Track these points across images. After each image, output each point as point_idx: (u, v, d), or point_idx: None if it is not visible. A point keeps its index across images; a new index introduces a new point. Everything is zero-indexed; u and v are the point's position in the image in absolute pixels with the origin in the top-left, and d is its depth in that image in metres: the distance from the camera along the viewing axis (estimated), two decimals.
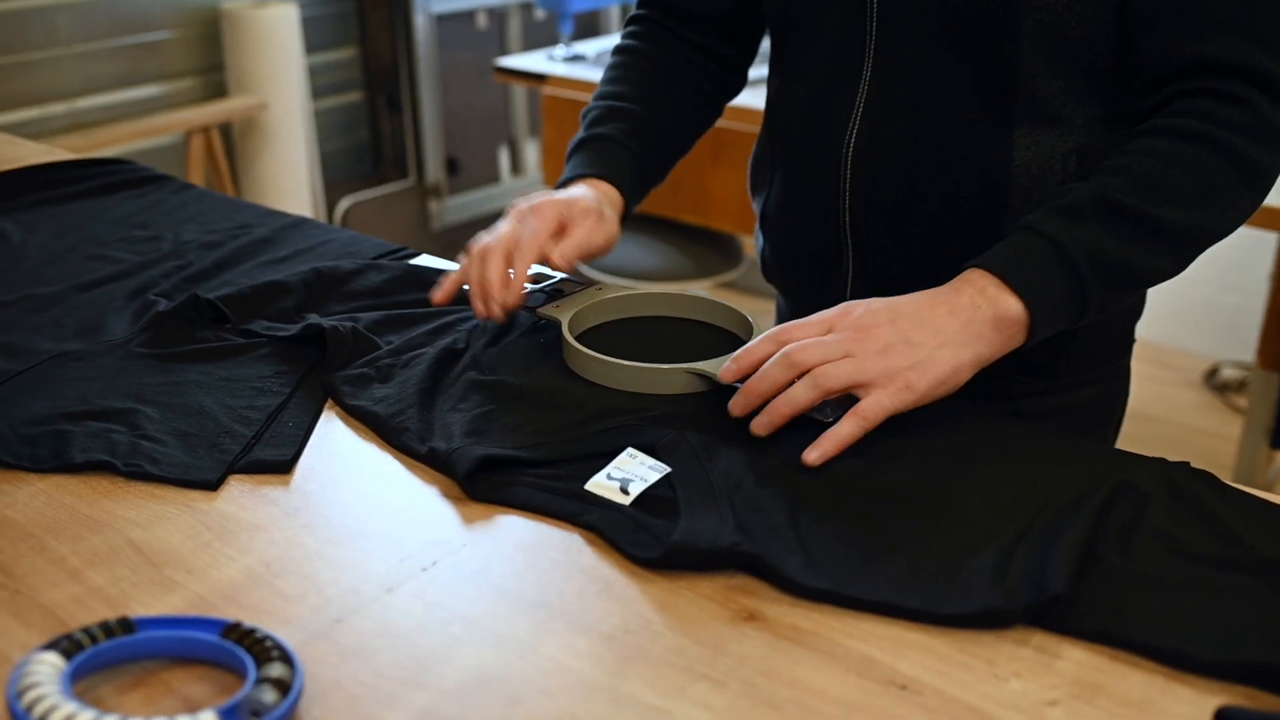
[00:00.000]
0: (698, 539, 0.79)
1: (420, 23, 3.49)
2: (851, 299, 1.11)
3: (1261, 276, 3.24)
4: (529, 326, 1.12)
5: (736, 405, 0.93)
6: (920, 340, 0.91)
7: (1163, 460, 0.91)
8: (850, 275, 1.12)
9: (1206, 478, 0.88)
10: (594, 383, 1.02)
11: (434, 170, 3.73)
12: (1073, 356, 1.14)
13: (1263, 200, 0.99)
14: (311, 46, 3.31)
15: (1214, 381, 3.35)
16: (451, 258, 1.25)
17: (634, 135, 1.19)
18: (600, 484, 0.87)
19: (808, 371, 0.90)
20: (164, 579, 0.78)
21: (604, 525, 0.83)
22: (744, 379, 0.94)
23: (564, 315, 1.08)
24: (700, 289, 3.33)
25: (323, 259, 1.28)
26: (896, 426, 0.96)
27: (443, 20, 3.59)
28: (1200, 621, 0.73)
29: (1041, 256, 0.94)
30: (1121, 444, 1.13)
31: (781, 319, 1.33)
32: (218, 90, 3.15)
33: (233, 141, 3.16)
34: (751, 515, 0.83)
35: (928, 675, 0.70)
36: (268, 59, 3.04)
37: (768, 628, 0.74)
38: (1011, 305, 0.93)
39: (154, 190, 1.49)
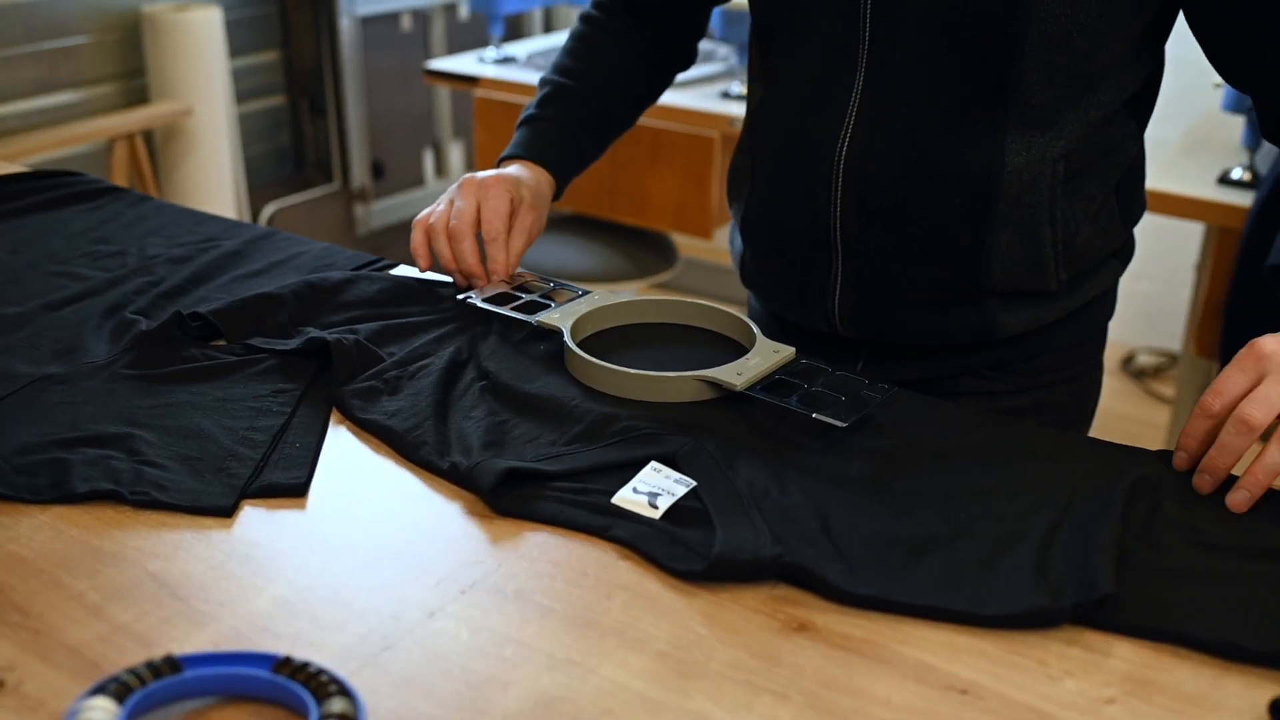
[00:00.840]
0: (739, 550, 0.78)
1: (345, 25, 3.43)
2: (839, 304, 1.12)
3: (1174, 265, 3.33)
4: (528, 334, 1.10)
5: (1205, 484, 0.88)
6: None
7: (1170, 453, 0.92)
8: (839, 280, 1.13)
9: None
10: (597, 390, 1.01)
11: (359, 174, 3.67)
12: (1050, 355, 1.16)
13: None
14: (233, 50, 3.24)
15: (1131, 368, 3.43)
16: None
17: (579, 120, 1.30)
18: (628, 499, 0.86)
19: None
20: (193, 612, 0.75)
21: (637, 539, 0.82)
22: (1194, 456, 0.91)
23: (564, 324, 1.07)
24: (635, 289, 3.32)
25: (298, 271, 1.25)
26: (903, 429, 0.96)
27: (367, 22, 3.54)
28: (1245, 612, 0.74)
29: None
30: None
31: (756, 320, 1.33)
32: (138, 96, 3.06)
33: (155, 147, 3.08)
34: (783, 524, 0.83)
35: (984, 678, 0.70)
36: (191, 63, 2.97)
37: (820, 637, 0.74)
38: None
39: (110, 202, 1.44)
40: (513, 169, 1.25)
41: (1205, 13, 1.00)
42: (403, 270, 1.27)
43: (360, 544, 0.82)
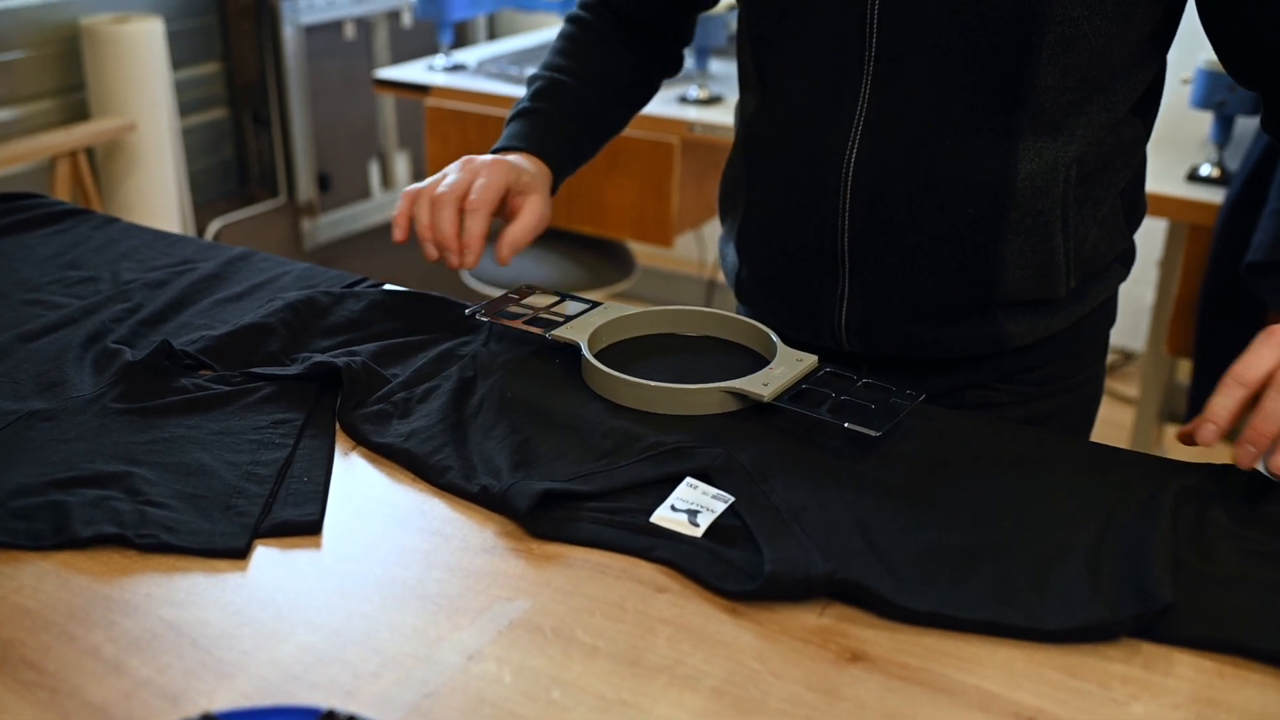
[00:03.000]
0: (791, 569, 0.76)
1: (288, 34, 3.36)
2: (846, 318, 1.10)
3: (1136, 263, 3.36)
4: (538, 348, 1.07)
5: (1247, 457, 0.88)
6: None
7: (1210, 465, 0.91)
8: (845, 295, 1.11)
9: (1253, 476, 0.89)
10: (619, 405, 0.98)
11: (305, 187, 3.60)
12: (1055, 364, 1.15)
13: None
14: (175, 62, 3.16)
15: None
16: None
17: (574, 116, 1.24)
18: (667, 516, 0.83)
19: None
20: (217, 663, 0.71)
21: (681, 559, 0.80)
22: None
23: (580, 337, 1.04)
24: (594, 299, 3.30)
25: (280, 293, 1.21)
26: (933, 437, 0.94)
27: (310, 31, 3.48)
28: None
29: None
30: None
31: None
32: (78, 111, 2.98)
33: (96, 164, 3.00)
34: (826, 539, 0.81)
35: (1049, 705, 0.69)
36: (133, 76, 2.89)
37: (876, 667, 0.71)
38: None
39: (75, 225, 1.39)
40: (512, 157, 1.19)
41: (1217, 11, 0.99)
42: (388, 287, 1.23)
43: (384, 582, 0.79)
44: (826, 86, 1.06)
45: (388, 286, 1.22)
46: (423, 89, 2.95)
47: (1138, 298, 3.31)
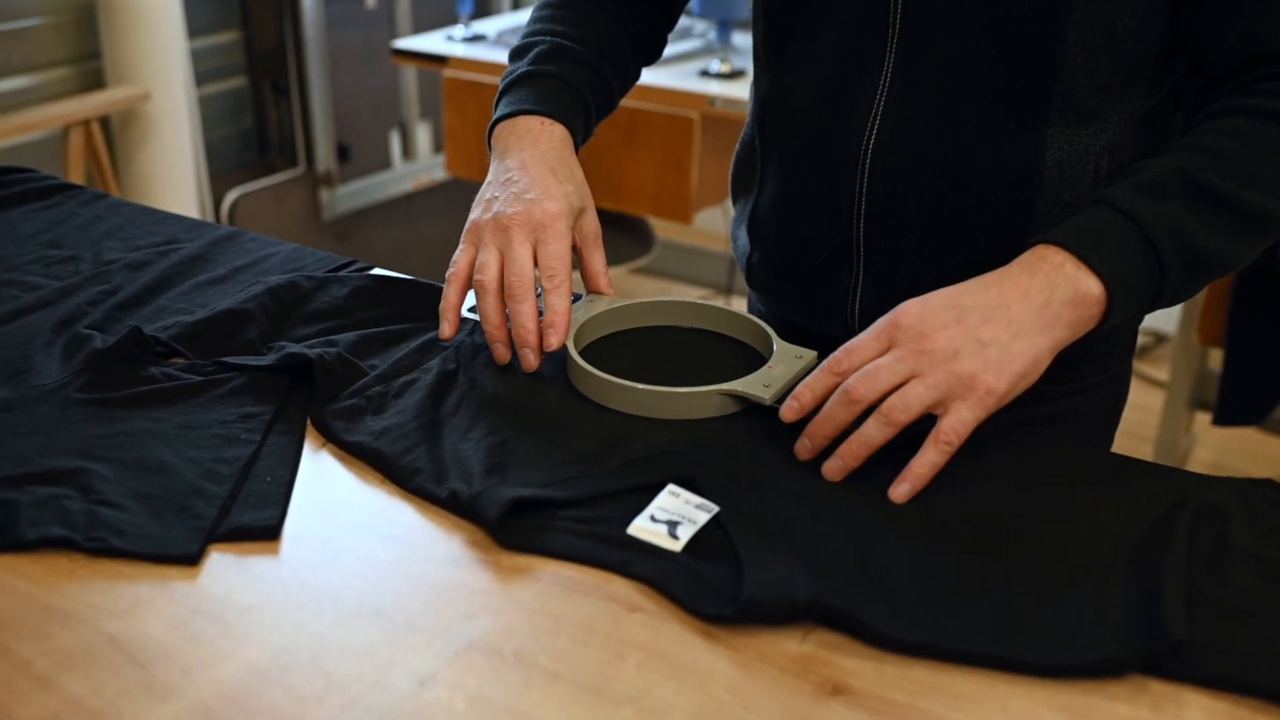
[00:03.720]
0: (772, 591, 0.71)
1: (308, 3, 3.31)
2: (859, 310, 1.04)
3: None
4: None
5: (804, 450, 0.85)
6: (992, 336, 0.83)
7: (1232, 480, 0.85)
8: (859, 285, 1.05)
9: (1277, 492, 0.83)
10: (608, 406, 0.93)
11: (325, 157, 3.56)
12: (1078, 360, 1.08)
13: None
14: (192, 30, 3.12)
15: None
16: (344, 249, 1.15)
17: (586, 81, 1.11)
18: (645, 528, 0.78)
19: (875, 404, 0.83)
20: (154, 682, 0.67)
21: (657, 577, 0.75)
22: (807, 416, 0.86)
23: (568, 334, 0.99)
24: (613, 273, 3.24)
25: (265, 276, 1.16)
26: None
27: (330, 0, 3.43)
28: None
29: (1122, 234, 0.87)
30: None
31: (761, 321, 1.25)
32: (94, 80, 2.94)
33: (111, 134, 2.97)
34: (816, 557, 0.76)
35: None
36: (149, 45, 2.85)
37: (859, 702, 0.66)
38: (1091, 286, 0.86)
39: (63, 201, 1.34)
40: (530, 166, 1.02)
41: None
42: (375, 271, 1.18)
43: (340, 595, 0.74)
44: (847, 65, 1.00)
45: (375, 271, 1.18)
46: (440, 59, 2.90)
47: None
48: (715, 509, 0.81)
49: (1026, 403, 1.08)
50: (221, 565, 0.77)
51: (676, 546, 0.77)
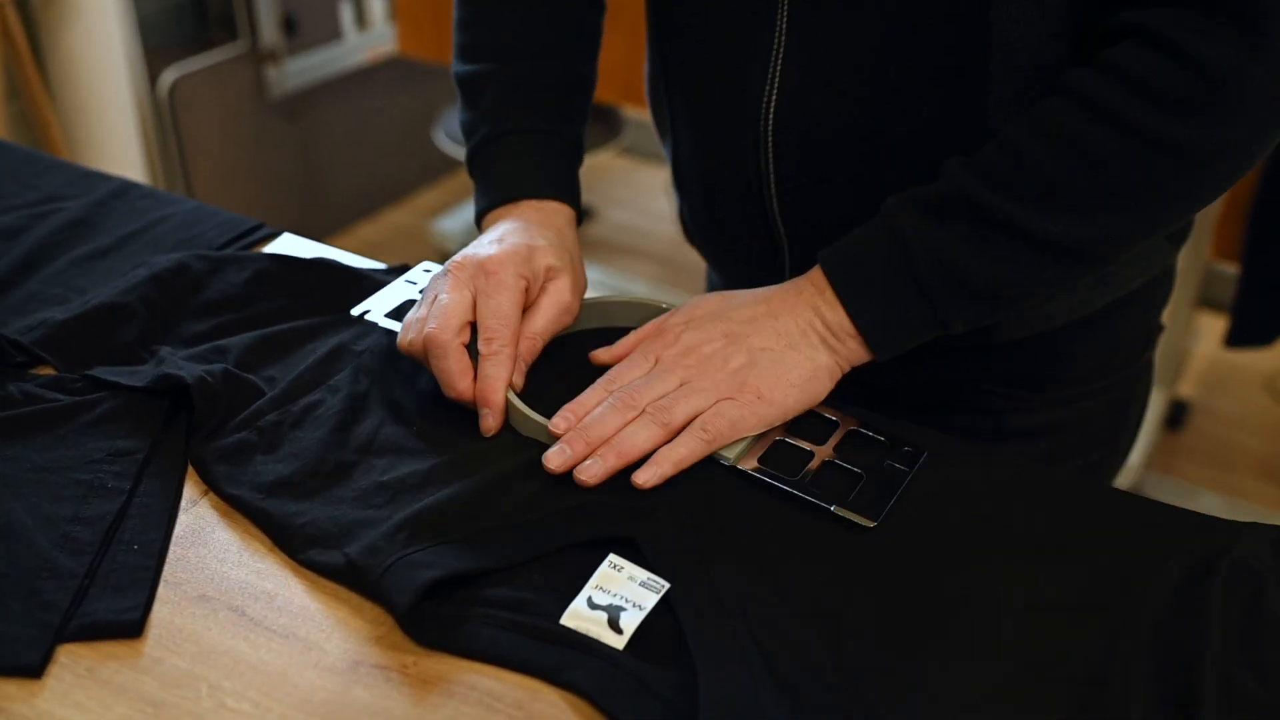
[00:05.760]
0: (732, 712, 0.59)
1: None
2: None
3: None
4: None
5: (556, 458, 0.74)
6: (764, 345, 0.78)
7: (1256, 524, 0.73)
8: (787, 265, 0.91)
9: None
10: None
11: (269, 30, 3.33)
12: (1071, 363, 0.94)
13: (1218, 178, 0.75)
14: None
15: None
16: (293, 131, 0.97)
17: (557, 113, 0.92)
18: (581, 615, 0.66)
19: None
20: None
21: (595, 688, 0.63)
22: None
23: None
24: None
25: (159, 248, 1.01)
26: (919, 489, 0.76)
27: None
28: None
29: (884, 264, 0.77)
30: None
31: (712, 289, 1.11)
32: None
33: (31, 14, 2.74)
34: (778, 648, 0.64)
35: None
36: None
37: None
38: (841, 321, 0.79)
39: None
40: (517, 231, 0.86)
41: None
42: (285, 242, 1.03)
43: None
44: (736, 21, 0.85)
45: (284, 240, 1.02)
46: None
47: None
48: (663, 586, 0.68)
49: (998, 411, 0.94)
50: (72, 675, 0.64)
51: (619, 642, 0.65)
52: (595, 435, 0.75)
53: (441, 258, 2.97)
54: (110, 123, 2.56)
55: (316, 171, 3.07)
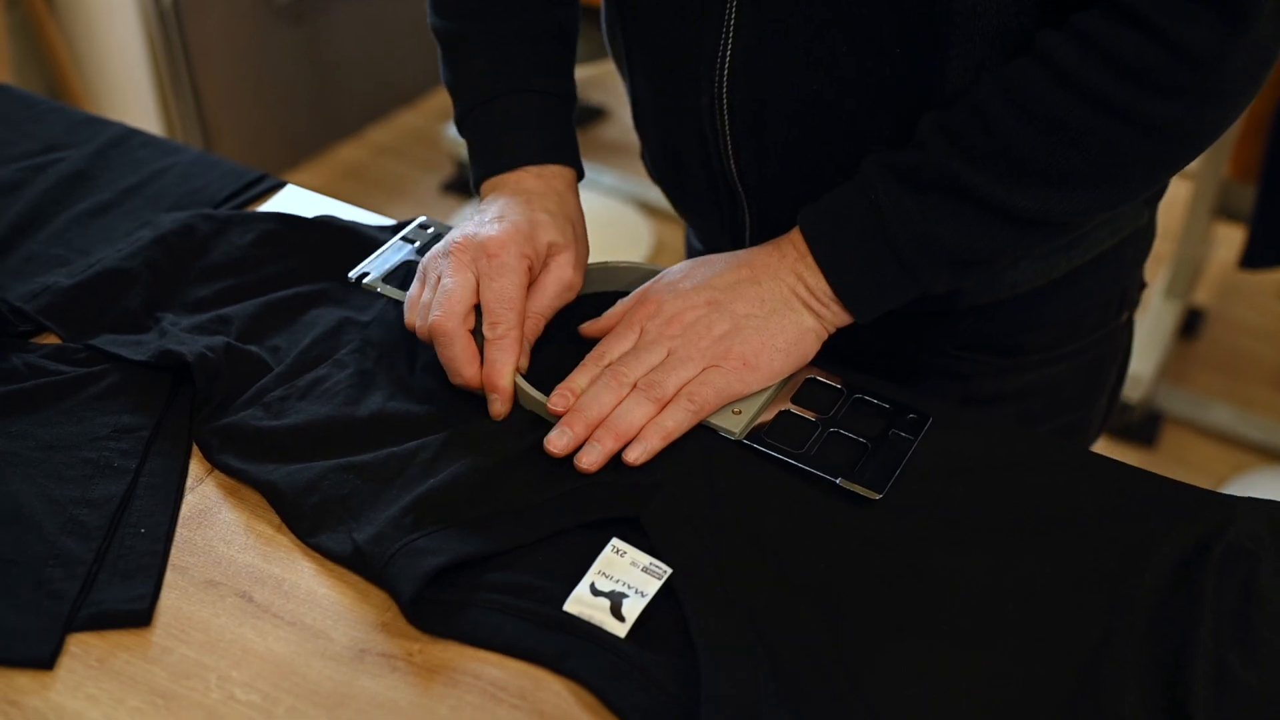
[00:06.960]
0: (733, 709, 0.60)
1: None
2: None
3: None
4: None
5: (559, 440, 0.74)
6: (747, 311, 0.78)
7: (1253, 500, 0.73)
8: (748, 226, 0.90)
9: None
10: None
11: None
12: (1038, 327, 0.92)
13: (1195, 149, 0.74)
14: None
15: None
16: (299, 35, 0.95)
17: (543, 66, 0.90)
18: (584, 600, 0.67)
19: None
20: None
21: (596, 678, 0.64)
22: None
23: None
24: (586, 73, 2.99)
25: (159, 204, 1.00)
26: (920, 463, 0.76)
27: None
28: None
29: (860, 233, 0.77)
30: None
31: (690, 249, 1.10)
32: None
33: None
34: (783, 639, 0.65)
35: None
36: None
37: None
38: (823, 286, 0.78)
39: None
40: (517, 206, 0.84)
41: None
42: (289, 195, 1.02)
43: (224, 714, 0.62)
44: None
45: (287, 193, 1.01)
46: None
47: None
48: (666, 571, 0.68)
49: (966, 375, 0.93)
50: (83, 665, 0.65)
51: (622, 630, 0.66)
52: (594, 415, 0.75)
53: (454, 162, 2.93)
54: (114, 32, 2.52)
55: (325, 75, 3.02)
